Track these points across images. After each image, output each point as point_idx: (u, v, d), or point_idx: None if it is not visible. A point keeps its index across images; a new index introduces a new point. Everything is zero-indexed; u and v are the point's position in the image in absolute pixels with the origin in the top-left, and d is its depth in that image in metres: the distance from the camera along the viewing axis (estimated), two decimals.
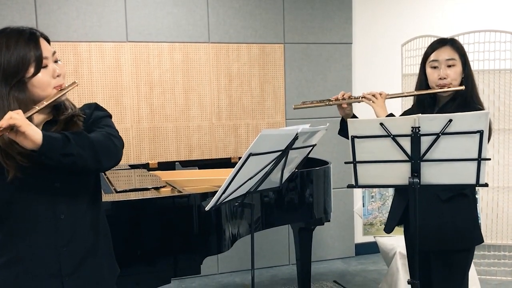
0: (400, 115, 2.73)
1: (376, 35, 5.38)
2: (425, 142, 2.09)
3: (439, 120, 2.05)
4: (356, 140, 2.14)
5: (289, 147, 2.19)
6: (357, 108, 5.18)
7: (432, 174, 2.14)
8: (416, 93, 2.68)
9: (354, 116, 2.81)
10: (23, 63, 1.77)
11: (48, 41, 1.88)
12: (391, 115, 2.67)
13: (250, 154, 2.00)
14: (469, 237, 2.57)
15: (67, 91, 1.84)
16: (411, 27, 5.22)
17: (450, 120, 2.03)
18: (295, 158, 2.39)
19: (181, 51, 4.73)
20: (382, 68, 5.33)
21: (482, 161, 2.06)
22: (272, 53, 5.01)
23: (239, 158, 2.05)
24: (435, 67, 2.59)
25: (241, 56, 4.92)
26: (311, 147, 2.48)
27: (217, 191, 2.09)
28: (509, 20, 5.40)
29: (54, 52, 1.86)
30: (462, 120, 2.04)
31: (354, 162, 2.19)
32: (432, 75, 2.59)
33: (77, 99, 4.22)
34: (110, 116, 2.00)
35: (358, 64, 5.33)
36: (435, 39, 2.70)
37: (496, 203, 4.36)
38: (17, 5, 4.30)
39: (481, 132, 2.02)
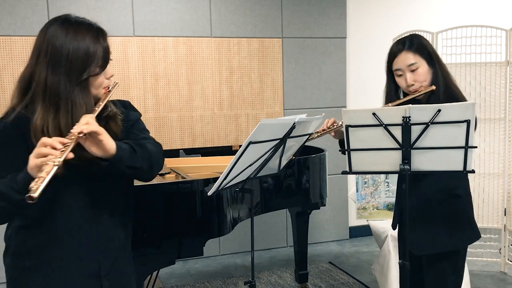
0: None
1: (368, 30, 5.35)
2: (415, 131, 2.07)
3: (429, 110, 2.04)
4: (350, 129, 2.13)
5: (287, 135, 2.18)
6: (350, 101, 5.19)
7: (422, 161, 2.13)
8: (397, 102, 2.38)
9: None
10: (92, 57, 1.56)
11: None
12: None
13: (250, 142, 1.99)
14: (462, 238, 2.37)
15: (113, 92, 1.66)
16: (401, 22, 5.20)
17: (439, 110, 2.02)
18: (292, 146, 2.38)
19: (185, 45, 4.70)
20: (374, 61, 5.27)
21: (469, 149, 2.05)
22: (271, 47, 4.98)
23: (240, 146, 2.04)
24: (400, 75, 2.38)
25: (242, 50, 4.89)
26: (308, 136, 2.47)
27: (218, 177, 2.08)
28: (495, 15, 5.38)
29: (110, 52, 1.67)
30: (450, 110, 2.03)
31: (348, 150, 2.18)
32: (401, 83, 2.40)
33: None
34: (140, 115, 1.85)
35: (352, 57, 5.30)
36: (426, 33, 2.60)
37: (482, 188, 4.36)
38: (30, 1, 4.27)
39: (468, 122, 2.01)
